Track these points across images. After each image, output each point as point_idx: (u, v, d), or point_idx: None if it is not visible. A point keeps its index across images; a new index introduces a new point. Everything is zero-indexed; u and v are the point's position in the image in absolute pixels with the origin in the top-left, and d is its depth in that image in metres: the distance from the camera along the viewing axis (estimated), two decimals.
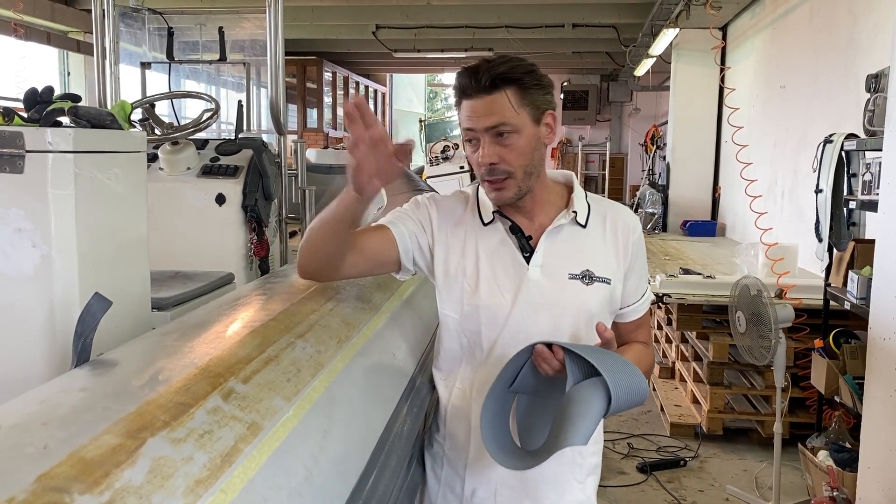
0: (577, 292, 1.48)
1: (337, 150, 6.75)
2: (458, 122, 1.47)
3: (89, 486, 0.72)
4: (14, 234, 1.36)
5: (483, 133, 1.40)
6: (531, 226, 1.51)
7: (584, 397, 1.27)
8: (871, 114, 3.14)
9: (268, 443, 0.95)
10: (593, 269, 1.49)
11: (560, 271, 1.48)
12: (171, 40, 3.59)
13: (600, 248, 1.51)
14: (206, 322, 1.29)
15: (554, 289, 1.47)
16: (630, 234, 1.54)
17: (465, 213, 1.55)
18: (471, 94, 1.40)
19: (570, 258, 1.49)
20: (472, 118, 1.40)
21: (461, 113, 1.44)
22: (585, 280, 1.48)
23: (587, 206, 1.54)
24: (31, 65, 7.73)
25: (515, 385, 1.42)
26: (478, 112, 1.40)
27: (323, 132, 12.10)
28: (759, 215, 5.06)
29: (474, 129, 1.41)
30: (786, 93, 5.81)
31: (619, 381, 1.27)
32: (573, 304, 1.47)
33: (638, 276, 1.56)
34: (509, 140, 1.40)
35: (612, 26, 8.84)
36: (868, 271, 3.03)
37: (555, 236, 1.49)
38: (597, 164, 13.56)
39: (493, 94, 1.39)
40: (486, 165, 1.41)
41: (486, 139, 1.40)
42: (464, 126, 1.43)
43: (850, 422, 3.37)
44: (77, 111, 1.48)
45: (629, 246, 1.53)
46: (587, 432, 1.25)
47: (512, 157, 1.42)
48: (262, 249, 2.85)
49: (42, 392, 0.96)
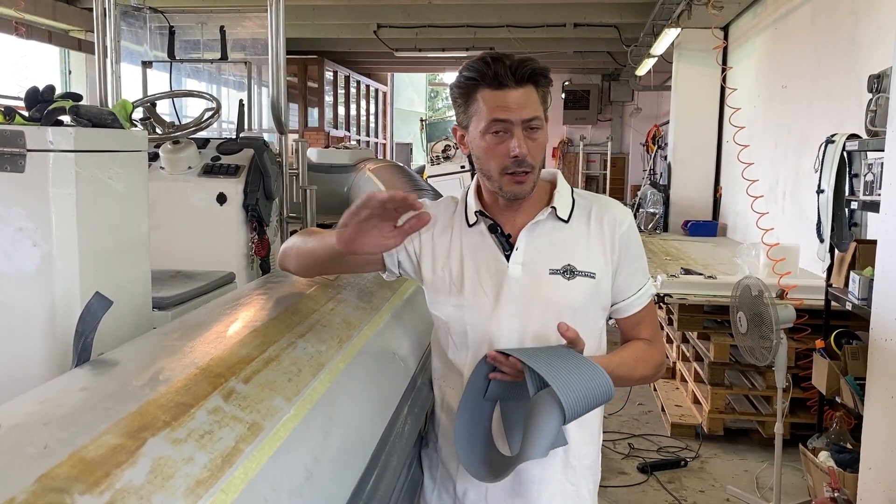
0: (558, 287, 1.46)
1: (338, 150, 6.74)
2: (471, 112, 1.43)
3: (90, 486, 0.72)
4: (15, 234, 1.35)
5: (518, 125, 1.38)
6: (513, 224, 1.50)
7: (539, 409, 1.26)
8: (874, 114, 3.13)
9: (269, 443, 0.95)
10: (575, 263, 1.47)
11: (540, 267, 1.47)
12: (173, 39, 3.59)
13: (583, 243, 1.49)
14: (206, 322, 1.29)
15: (534, 285, 1.46)
16: (617, 227, 1.51)
17: (453, 217, 1.55)
18: (506, 84, 1.38)
19: (550, 253, 1.48)
20: (508, 109, 1.38)
21: (484, 103, 1.40)
22: (567, 275, 1.46)
23: (571, 200, 1.53)
24: (32, 63, 7.72)
25: (489, 394, 1.42)
26: (516, 102, 1.38)
27: (324, 131, 12.09)
28: (760, 216, 5.06)
29: (509, 121, 1.39)
30: (787, 93, 5.80)
31: (570, 388, 1.24)
32: (555, 299, 1.46)
33: (630, 269, 1.53)
34: (536, 135, 1.41)
35: (613, 26, 8.83)
36: (869, 272, 3.03)
37: (533, 232, 1.48)
38: (598, 164, 13.55)
39: (527, 87, 1.39)
40: (520, 157, 1.39)
41: (519, 130, 1.39)
42: (494, 116, 1.39)
43: (850, 423, 3.37)
44: (78, 110, 1.48)
45: (616, 239, 1.50)
46: (545, 444, 1.24)
47: (536, 152, 1.42)
48: (263, 249, 2.84)
49: (43, 392, 0.96)
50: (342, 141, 11.34)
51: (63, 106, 1.48)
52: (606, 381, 1.31)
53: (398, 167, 5.93)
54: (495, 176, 1.43)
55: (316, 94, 12.22)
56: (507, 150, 1.40)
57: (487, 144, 1.42)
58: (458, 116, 1.48)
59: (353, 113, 14.02)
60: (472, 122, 1.43)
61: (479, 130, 1.42)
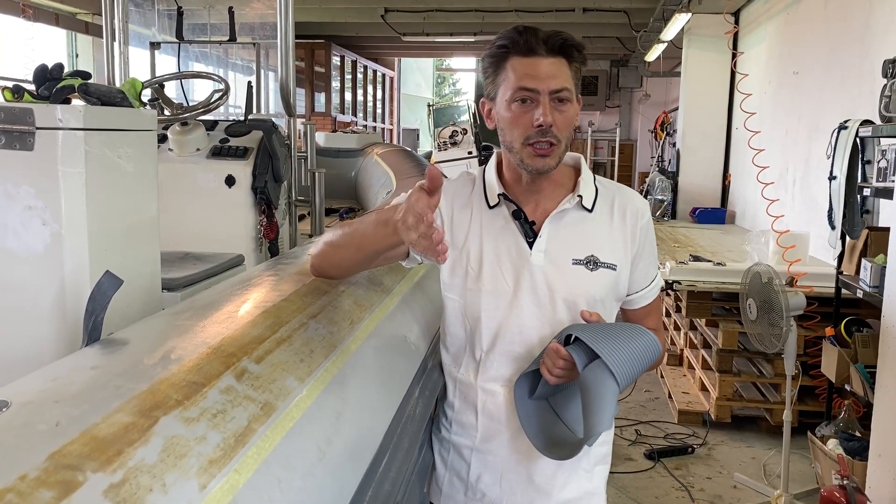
0: (580, 278, 1.44)
1: (345, 134, 6.73)
2: (499, 81, 1.39)
3: (102, 464, 0.71)
4: (24, 213, 1.34)
5: (546, 94, 1.34)
6: (536, 210, 1.47)
7: (592, 381, 1.27)
8: (888, 100, 3.10)
9: (281, 423, 0.94)
10: (598, 254, 1.45)
11: (563, 256, 1.44)
12: (181, 20, 3.56)
13: (606, 233, 1.47)
14: (217, 302, 1.27)
15: (557, 274, 1.43)
16: (639, 219, 1.49)
17: (471, 196, 1.51)
18: (537, 52, 1.34)
19: (574, 243, 1.45)
20: (537, 77, 1.34)
21: (513, 71, 1.36)
22: (590, 266, 1.44)
23: (594, 189, 1.49)
24: (39, 46, 7.71)
25: (538, 394, 1.41)
26: (546, 72, 1.34)
27: (331, 116, 12.08)
28: (770, 202, 5.02)
29: (536, 90, 1.34)
30: (799, 79, 5.75)
31: (620, 353, 1.26)
32: (576, 290, 1.44)
33: (647, 262, 1.52)
34: (565, 107, 1.36)
35: (622, 11, 8.77)
36: (882, 259, 3.00)
37: (559, 221, 1.45)
38: (606, 151, 13.52)
39: (558, 58, 1.35)
40: (545, 126, 1.34)
41: (546, 99, 1.34)
42: (521, 84, 1.35)
43: (860, 410, 3.36)
44: (87, 88, 1.46)
45: (637, 231, 1.48)
46: (608, 415, 1.25)
47: (564, 125, 1.37)
48: (271, 232, 2.83)
49: (54, 370, 0.95)
50: (349, 126, 11.32)
51: (72, 84, 1.46)
52: (652, 339, 1.32)
53: (405, 152, 5.92)
54: (517, 147, 1.38)
55: (323, 78, 12.19)
56: (531, 119, 1.35)
57: (513, 114, 1.37)
58: (487, 87, 1.44)
59: (359, 98, 13.99)
60: (500, 91, 1.39)
61: (505, 99, 1.38)
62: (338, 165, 5.69)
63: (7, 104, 1.37)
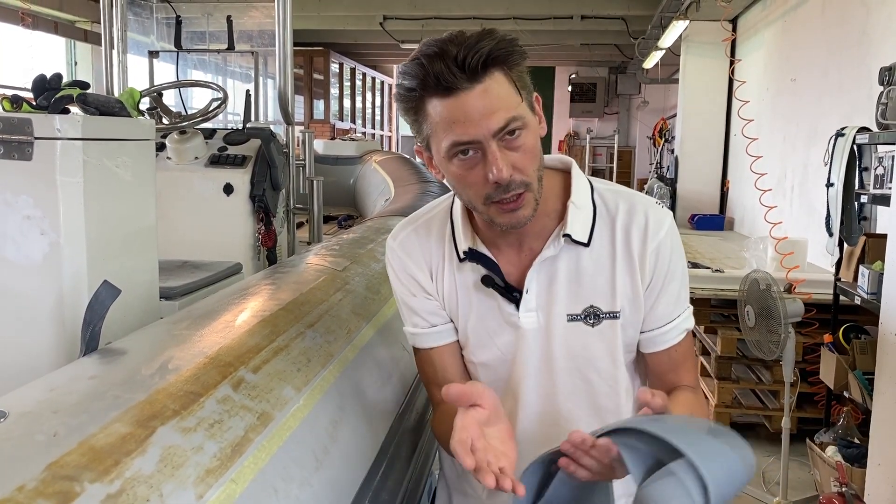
0: (579, 337, 1.16)
1: (344, 142, 6.74)
2: (425, 131, 1.05)
3: (99, 474, 0.71)
4: (23, 222, 1.35)
5: (489, 140, 1.00)
6: (520, 254, 1.16)
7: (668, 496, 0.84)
8: (885, 107, 3.10)
9: (278, 433, 0.94)
10: (598, 303, 1.15)
11: (558, 313, 1.15)
12: (179, 28, 3.58)
13: (607, 270, 1.15)
14: (214, 311, 1.28)
15: (552, 337, 1.16)
16: (648, 241, 1.14)
17: (443, 247, 1.21)
18: (457, 87, 0.99)
19: (567, 294, 1.15)
20: (469, 122, 1.00)
21: (438, 118, 1.02)
22: (589, 320, 1.15)
23: (592, 210, 1.16)
24: (38, 54, 7.73)
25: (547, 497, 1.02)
26: (477, 110, 0.99)
27: (329, 123, 12.09)
28: (768, 209, 5.03)
29: (474, 140, 1.01)
30: (796, 86, 5.77)
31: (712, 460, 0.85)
32: (579, 353, 1.16)
33: (669, 294, 1.17)
34: (520, 141, 1.03)
35: (621, 18, 8.80)
36: (879, 266, 3.01)
37: (547, 268, 1.15)
38: (604, 157, 13.52)
39: (484, 80, 1.00)
40: (502, 182, 1.02)
41: (492, 146, 1.01)
42: (454, 139, 1.01)
43: (858, 417, 3.35)
44: (86, 98, 1.47)
45: (647, 256, 1.14)
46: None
47: (526, 163, 1.04)
48: (269, 240, 2.83)
49: (51, 380, 0.96)
50: (347, 133, 11.33)
51: (70, 94, 1.47)
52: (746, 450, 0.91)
53: (404, 159, 5.92)
54: (480, 207, 1.08)
55: (321, 86, 12.21)
56: (483, 175, 1.03)
57: (457, 172, 1.05)
58: (413, 132, 1.10)
59: (358, 105, 14.01)
60: (432, 142, 1.06)
61: (441, 155, 1.05)
62: (336, 173, 5.70)
63: (6, 114, 1.38)
